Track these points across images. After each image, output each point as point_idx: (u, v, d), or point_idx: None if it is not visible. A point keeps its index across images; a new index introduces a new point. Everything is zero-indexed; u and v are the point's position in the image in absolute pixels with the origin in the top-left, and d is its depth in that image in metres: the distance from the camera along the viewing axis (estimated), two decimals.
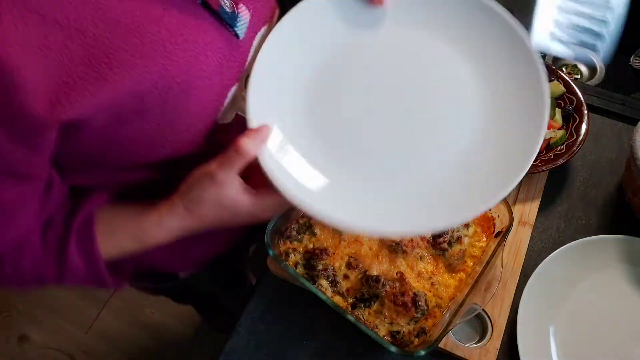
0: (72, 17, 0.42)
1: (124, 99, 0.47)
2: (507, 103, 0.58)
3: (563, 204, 0.84)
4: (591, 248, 0.77)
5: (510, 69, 0.58)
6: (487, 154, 0.56)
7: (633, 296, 0.75)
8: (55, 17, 0.42)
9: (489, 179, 0.55)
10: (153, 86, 0.48)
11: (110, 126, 0.49)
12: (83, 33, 0.43)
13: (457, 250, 0.72)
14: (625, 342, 0.72)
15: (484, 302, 0.64)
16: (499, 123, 0.57)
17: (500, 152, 0.56)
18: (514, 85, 0.58)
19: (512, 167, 0.55)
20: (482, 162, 0.56)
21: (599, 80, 1.14)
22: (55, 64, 0.42)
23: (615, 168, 0.87)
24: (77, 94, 0.44)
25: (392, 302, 0.67)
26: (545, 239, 0.81)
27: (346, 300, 0.70)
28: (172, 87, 0.50)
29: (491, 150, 0.56)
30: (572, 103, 0.86)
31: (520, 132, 0.56)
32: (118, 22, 0.44)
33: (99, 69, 0.44)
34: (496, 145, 0.57)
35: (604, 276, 0.76)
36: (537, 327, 0.72)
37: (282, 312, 0.75)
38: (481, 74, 0.59)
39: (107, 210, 0.58)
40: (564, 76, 0.88)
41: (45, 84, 0.42)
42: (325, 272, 0.70)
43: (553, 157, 0.81)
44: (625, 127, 0.91)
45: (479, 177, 0.56)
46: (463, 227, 0.73)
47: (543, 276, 0.74)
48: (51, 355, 1.67)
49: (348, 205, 0.55)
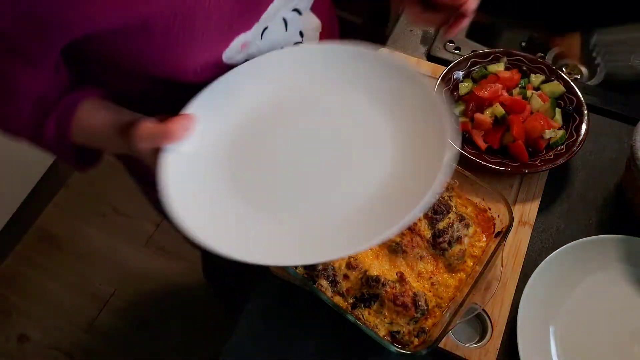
0: None
1: (131, 17, 0.53)
2: (412, 147, 0.62)
3: (563, 204, 0.84)
4: (591, 248, 0.77)
5: (418, 119, 0.64)
6: (390, 196, 0.60)
7: (633, 296, 0.75)
8: None
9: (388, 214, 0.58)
10: (159, 13, 0.54)
11: (117, 37, 0.56)
12: None
13: (457, 250, 0.72)
14: (625, 342, 0.72)
15: (484, 302, 0.65)
16: (403, 167, 0.61)
17: (401, 192, 0.60)
18: (420, 131, 0.63)
19: (408, 207, 0.57)
20: (386, 201, 0.60)
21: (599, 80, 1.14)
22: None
23: (615, 168, 0.87)
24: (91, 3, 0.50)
25: (392, 302, 0.67)
26: (545, 239, 0.81)
27: (346, 300, 0.70)
28: (176, 18, 0.55)
29: (394, 191, 0.60)
30: (572, 103, 0.86)
31: (420, 176, 0.60)
32: None
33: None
34: (399, 186, 0.60)
35: (604, 276, 0.76)
36: (537, 327, 0.72)
37: (282, 312, 0.75)
38: (391, 125, 0.64)
39: (95, 104, 0.65)
40: (564, 76, 0.88)
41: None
42: (325, 272, 0.70)
43: (553, 157, 0.81)
44: (625, 127, 0.91)
45: (379, 212, 0.59)
46: (463, 227, 0.73)
47: (543, 276, 0.74)
48: (51, 355, 1.67)
49: (238, 233, 0.58)
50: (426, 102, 0.64)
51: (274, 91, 0.68)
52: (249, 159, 0.64)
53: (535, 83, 0.88)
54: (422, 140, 0.62)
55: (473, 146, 0.84)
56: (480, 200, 0.77)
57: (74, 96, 0.63)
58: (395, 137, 0.63)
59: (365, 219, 0.58)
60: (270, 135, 0.65)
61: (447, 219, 0.74)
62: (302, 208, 0.60)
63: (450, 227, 0.73)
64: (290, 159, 0.63)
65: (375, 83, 0.67)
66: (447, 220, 0.74)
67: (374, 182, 0.60)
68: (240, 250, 0.55)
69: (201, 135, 0.63)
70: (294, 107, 0.68)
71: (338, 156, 0.63)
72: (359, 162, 0.63)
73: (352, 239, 0.56)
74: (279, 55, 0.70)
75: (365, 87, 0.67)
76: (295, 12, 0.69)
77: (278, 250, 0.57)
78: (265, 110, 0.67)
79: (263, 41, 0.68)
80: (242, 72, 0.68)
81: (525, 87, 0.87)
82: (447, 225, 0.73)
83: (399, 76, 0.67)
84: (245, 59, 0.67)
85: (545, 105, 0.84)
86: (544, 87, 0.88)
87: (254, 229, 0.58)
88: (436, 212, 0.73)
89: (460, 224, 0.73)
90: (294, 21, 0.70)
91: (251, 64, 0.68)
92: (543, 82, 0.89)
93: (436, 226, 0.73)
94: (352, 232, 0.57)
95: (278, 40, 0.70)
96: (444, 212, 0.74)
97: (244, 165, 0.63)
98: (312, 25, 0.75)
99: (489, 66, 0.90)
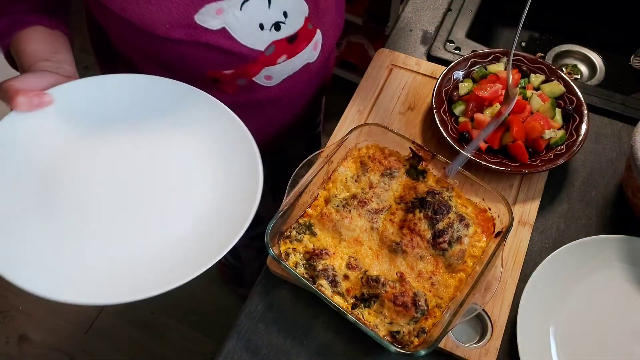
0: None
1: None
2: (225, 187, 0.66)
3: (563, 204, 0.84)
4: (591, 248, 0.77)
5: (232, 160, 0.68)
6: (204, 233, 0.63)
7: (633, 296, 0.75)
8: None
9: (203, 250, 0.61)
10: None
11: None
12: None
13: (457, 250, 0.72)
14: (625, 342, 0.72)
15: (484, 302, 0.65)
16: (216, 206, 0.65)
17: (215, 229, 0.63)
18: (233, 171, 0.67)
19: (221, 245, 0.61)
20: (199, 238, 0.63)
21: (599, 80, 1.14)
22: None
23: (615, 168, 0.87)
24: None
25: (392, 303, 0.67)
26: (545, 239, 0.81)
27: (346, 300, 0.70)
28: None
29: (207, 230, 0.63)
30: (572, 103, 0.86)
31: (232, 214, 0.63)
32: None
33: None
34: (213, 224, 0.64)
35: (604, 276, 0.76)
36: (537, 327, 0.72)
37: (282, 312, 0.75)
38: (206, 163, 0.69)
39: (35, 36, 0.71)
40: (564, 76, 0.88)
41: None
42: (326, 272, 0.70)
43: (553, 157, 0.82)
44: (625, 127, 0.91)
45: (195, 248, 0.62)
46: (463, 227, 0.73)
47: (543, 276, 0.74)
48: (51, 355, 1.67)
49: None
50: (241, 143, 0.68)
51: (122, 117, 0.70)
52: (63, 186, 0.64)
53: (535, 83, 0.89)
54: (235, 180, 0.66)
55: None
56: (480, 200, 0.77)
57: (27, 18, 0.71)
58: (209, 176, 0.67)
59: (177, 259, 0.60)
60: (89, 163, 0.67)
61: (447, 219, 0.74)
62: (111, 248, 0.62)
63: (450, 227, 0.73)
64: (102, 198, 0.65)
65: (195, 123, 0.71)
66: (447, 220, 0.74)
67: (187, 221, 0.64)
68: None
69: (39, 127, 0.65)
70: (122, 137, 0.69)
71: (151, 194, 0.66)
72: (173, 200, 0.66)
73: (165, 275, 0.58)
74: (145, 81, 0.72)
75: (183, 124, 0.71)
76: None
77: (88, 288, 0.58)
78: (97, 134, 0.69)
79: (242, 12, 0.69)
80: (110, 83, 0.70)
81: (525, 87, 0.87)
82: (447, 226, 0.73)
83: (217, 118, 0.70)
84: (221, 25, 0.69)
85: (545, 106, 0.84)
86: (544, 87, 0.88)
87: (58, 264, 0.59)
88: (436, 212, 0.73)
89: (460, 224, 0.73)
90: (278, 0, 0.72)
91: (127, 78, 0.71)
92: (543, 82, 0.89)
93: (436, 226, 0.73)
94: (164, 271, 0.59)
95: (258, 15, 0.71)
96: (444, 212, 0.74)
97: (56, 192, 0.64)
98: (298, 8, 0.75)
99: (489, 66, 0.90)
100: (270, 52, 0.77)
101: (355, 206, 0.74)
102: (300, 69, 0.84)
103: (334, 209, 0.74)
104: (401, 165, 0.80)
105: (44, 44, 0.71)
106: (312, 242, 0.73)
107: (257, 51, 0.76)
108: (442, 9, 1.08)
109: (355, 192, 0.77)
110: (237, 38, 0.72)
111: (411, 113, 0.91)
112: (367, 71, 0.96)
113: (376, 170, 0.79)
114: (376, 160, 0.79)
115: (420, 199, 0.74)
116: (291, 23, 0.76)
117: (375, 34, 2.04)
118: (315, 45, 0.83)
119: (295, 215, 0.75)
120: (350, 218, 0.74)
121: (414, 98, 0.93)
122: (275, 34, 0.75)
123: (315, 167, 0.76)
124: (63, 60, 0.71)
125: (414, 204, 0.75)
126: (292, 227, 0.74)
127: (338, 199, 0.76)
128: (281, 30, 0.75)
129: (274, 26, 0.74)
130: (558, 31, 1.20)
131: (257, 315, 0.75)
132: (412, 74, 0.96)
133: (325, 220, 0.74)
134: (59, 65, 0.70)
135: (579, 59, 1.18)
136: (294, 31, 0.77)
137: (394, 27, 1.06)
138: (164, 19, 0.66)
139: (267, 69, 0.79)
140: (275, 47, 0.77)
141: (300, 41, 0.79)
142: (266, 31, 0.74)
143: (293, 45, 0.79)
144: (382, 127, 0.79)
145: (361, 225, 0.74)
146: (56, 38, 0.73)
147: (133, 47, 0.79)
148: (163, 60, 0.76)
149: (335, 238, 0.74)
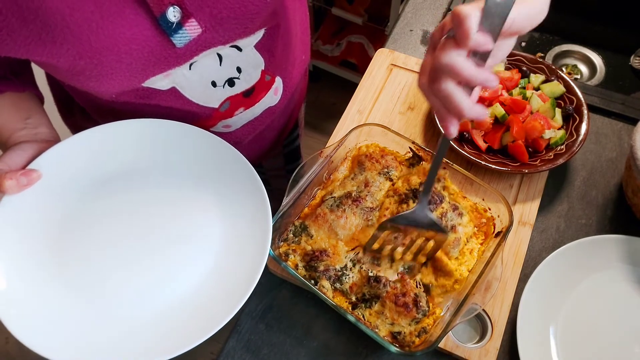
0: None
1: (35, 57, 0.56)
2: (236, 247, 0.66)
3: (563, 204, 0.84)
4: (591, 248, 0.77)
5: (245, 213, 0.68)
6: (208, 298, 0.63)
7: (633, 296, 0.75)
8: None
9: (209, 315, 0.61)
10: (63, 53, 0.55)
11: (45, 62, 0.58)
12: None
13: (452, 239, 0.72)
14: (625, 342, 0.72)
15: (484, 302, 0.64)
16: (227, 263, 0.65)
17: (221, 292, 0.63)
18: (245, 227, 0.67)
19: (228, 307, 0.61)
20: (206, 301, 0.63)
21: (599, 80, 1.14)
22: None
23: (615, 168, 0.87)
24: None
25: (393, 303, 0.67)
26: (545, 239, 0.81)
27: (350, 298, 0.70)
28: (82, 58, 0.56)
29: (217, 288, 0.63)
30: (572, 103, 0.86)
31: (239, 277, 0.63)
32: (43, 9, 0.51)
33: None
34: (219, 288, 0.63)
35: (604, 276, 0.76)
36: (537, 327, 0.72)
37: (282, 312, 0.75)
38: (220, 221, 0.68)
39: (6, 103, 0.68)
40: (564, 76, 0.88)
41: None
42: (327, 273, 0.70)
43: (553, 157, 0.82)
44: (625, 127, 0.91)
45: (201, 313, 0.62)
46: (457, 216, 0.73)
47: (543, 276, 0.75)
48: None
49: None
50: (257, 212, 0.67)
51: (121, 163, 0.70)
52: (75, 244, 0.64)
53: (535, 83, 0.88)
54: (246, 234, 0.66)
55: (473, 146, 0.84)
56: (480, 200, 0.77)
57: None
58: (221, 235, 0.67)
59: (190, 320, 0.60)
60: (95, 231, 0.66)
61: (440, 208, 0.74)
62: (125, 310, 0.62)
63: (444, 216, 0.73)
64: (118, 249, 0.65)
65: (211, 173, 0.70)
66: (441, 210, 0.73)
67: (196, 281, 0.64)
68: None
69: (35, 199, 0.64)
70: (134, 189, 0.69)
71: (163, 252, 0.65)
72: (183, 259, 0.65)
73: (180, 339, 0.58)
74: (138, 126, 0.71)
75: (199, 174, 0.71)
76: (234, 48, 0.66)
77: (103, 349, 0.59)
78: (105, 190, 0.68)
79: (192, 72, 0.66)
80: (95, 137, 0.69)
81: (525, 87, 0.87)
82: (441, 215, 0.73)
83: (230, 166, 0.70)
84: (170, 85, 0.66)
85: (545, 105, 0.84)
86: (544, 87, 0.88)
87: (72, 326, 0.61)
88: (429, 202, 0.73)
89: (454, 213, 0.73)
90: (230, 57, 0.68)
91: (110, 127, 0.70)
92: (543, 82, 0.89)
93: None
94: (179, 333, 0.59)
95: (209, 73, 0.68)
96: (437, 202, 0.73)
97: (69, 251, 0.64)
98: (253, 62, 0.71)
99: None
100: (225, 108, 0.75)
101: (350, 205, 0.74)
102: (262, 113, 0.81)
103: (328, 209, 0.74)
104: (398, 164, 0.80)
105: (16, 111, 0.69)
106: (309, 244, 0.73)
107: (210, 108, 0.73)
108: (442, 9, 1.08)
109: (350, 190, 0.77)
110: (187, 97, 0.69)
111: (411, 113, 0.91)
112: (367, 71, 0.96)
113: (373, 169, 0.79)
114: (373, 159, 0.79)
115: (414, 190, 0.74)
116: (246, 78, 0.72)
117: (375, 34, 2.04)
118: (276, 91, 0.80)
119: (294, 214, 0.75)
120: (345, 217, 0.73)
121: (414, 98, 0.93)
122: (229, 90, 0.72)
123: (315, 167, 0.76)
124: (38, 124, 0.69)
125: (407, 195, 0.75)
126: (289, 230, 0.74)
127: (332, 199, 0.76)
128: (236, 86, 0.72)
129: (227, 82, 0.71)
130: (558, 31, 1.20)
131: (257, 315, 0.75)
132: (412, 73, 0.96)
133: (321, 220, 0.74)
134: (36, 131, 0.68)
135: (579, 59, 1.18)
136: (249, 85, 0.74)
137: (394, 27, 1.06)
138: (112, 91, 0.63)
139: (224, 121, 0.77)
140: (230, 102, 0.74)
141: (258, 93, 0.76)
142: (219, 88, 0.71)
143: (250, 98, 0.76)
144: (382, 127, 0.79)
145: (357, 223, 0.74)
146: (26, 101, 0.70)
147: (88, 102, 0.76)
148: (118, 115, 0.73)
149: (332, 238, 0.74)
